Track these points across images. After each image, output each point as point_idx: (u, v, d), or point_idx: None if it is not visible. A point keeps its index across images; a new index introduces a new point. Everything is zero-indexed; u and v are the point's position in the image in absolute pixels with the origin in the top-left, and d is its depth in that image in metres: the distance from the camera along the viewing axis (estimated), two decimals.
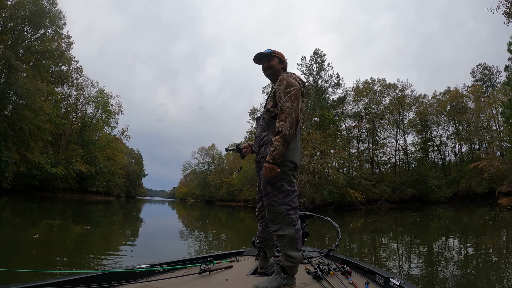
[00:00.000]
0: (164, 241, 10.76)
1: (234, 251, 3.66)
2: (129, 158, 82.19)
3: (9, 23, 30.12)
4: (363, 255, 8.03)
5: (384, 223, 18.88)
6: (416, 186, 40.69)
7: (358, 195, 34.99)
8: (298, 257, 2.32)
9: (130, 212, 27.66)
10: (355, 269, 2.80)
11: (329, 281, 2.34)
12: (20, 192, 32.51)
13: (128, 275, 2.50)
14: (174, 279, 2.46)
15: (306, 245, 3.65)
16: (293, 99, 2.32)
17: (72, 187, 41.35)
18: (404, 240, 11.81)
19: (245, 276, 2.64)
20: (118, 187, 62.89)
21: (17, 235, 8.83)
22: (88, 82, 45.80)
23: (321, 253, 3.34)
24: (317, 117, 37.84)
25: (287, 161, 2.36)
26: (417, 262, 7.29)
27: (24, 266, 5.32)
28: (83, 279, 2.23)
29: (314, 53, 41.17)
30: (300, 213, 3.06)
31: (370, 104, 43.37)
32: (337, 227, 3.41)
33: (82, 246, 8.00)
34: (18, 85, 26.95)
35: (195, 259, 3.01)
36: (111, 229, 13.03)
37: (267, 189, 2.39)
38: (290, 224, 2.34)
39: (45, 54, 33.71)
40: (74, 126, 44.94)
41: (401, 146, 45.48)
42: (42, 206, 22.81)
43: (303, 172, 32.93)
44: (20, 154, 29.08)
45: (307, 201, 31.56)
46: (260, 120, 2.72)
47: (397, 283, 2.15)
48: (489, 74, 45.73)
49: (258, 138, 2.63)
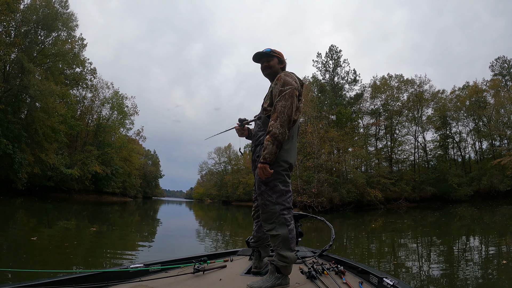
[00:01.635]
0: (181, 241, 10.47)
1: (228, 251, 3.64)
2: (146, 159, 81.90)
3: (23, 27, 29.55)
4: (378, 258, 7.62)
5: (404, 223, 18.00)
6: (437, 184, 38.64)
7: (377, 194, 33.23)
8: (292, 257, 2.29)
9: (147, 212, 27.15)
10: (349, 268, 2.78)
11: (323, 281, 2.29)
12: (35, 193, 31.87)
13: (121, 274, 2.45)
14: (168, 278, 2.41)
15: (300, 245, 3.64)
16: (287, 98, 2.28)
17: (88, 188, 40.74)
18: (423, 240, 11.16)
19: (239, 276, 2.60)
20: (134, 188, 62.32)
21: (30, 235, 8.28)
22: (103, 84, 45.37)
23: (315, 253, 3.32)
24: (334, 115, 36.22)
25: (282, 161, 2.33)
26: (437, 264, 6.90)
27: (39, 267, 5.13)
28: (76, 279, 2.17)
29: (330, 49, 39.57)
30: (294, 213, 3.01)
31: (388, 100, 41.34)
32: (331, 227, 3.38)
33: (96, 246, 7.85)
34: (31, 87, 26.37)
35: (189, 259, 2.95)
36: (126, 231, 12.40)
37: (261, 189, 2.37)
38: (284, 224, 2.31)
39: (58, 57, 33.06)
40: (90, 128, 44.34)
41: (420, 144, 43.39)
42: (57, 207, 22.24)
43: (321, 171, 31.40)
44: (34, 156, 28.43)
45: (325, 201, 30.09)
46: (258, 119, 2.67)
47: (390, 283, 2.11)
48: (509, 68, 43.81)
49: (254, 137, 2.62)
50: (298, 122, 2.53)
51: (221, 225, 17.27)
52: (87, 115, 45.27)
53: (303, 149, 33.20)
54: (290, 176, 2.46)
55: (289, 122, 2.28)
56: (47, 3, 30.42)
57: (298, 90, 2.40)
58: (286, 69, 2.70)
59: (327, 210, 29.94)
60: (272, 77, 2.63)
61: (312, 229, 14.13)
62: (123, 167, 49.24)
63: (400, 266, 6.51)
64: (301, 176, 31.60)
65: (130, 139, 53.99)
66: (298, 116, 2.49)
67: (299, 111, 2.47)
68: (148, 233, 12.41)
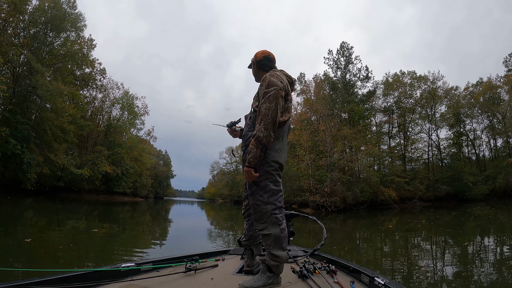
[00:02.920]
0: (191, 241, 10.22)
1: (220, 250, 3.62)
2: (157, 159, 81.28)
3: (32, 29, 29.12)
4: (388, 259, 7.43)
5: (421, 223, 17.11)
6: (451, 183, 36.87)
7: (391, 193, 31.73)
8: (283, 256, 2.26)
9: (158, 212, 26.66)
10: (341, 268, 2.74)
11: (314, 280, 2.26)
12: (45, 193, 31.22)
13: (113, 274, 2.40)
14: (160, 278, 2.37)
15: (291, 244, 3.63)
16: (271, 100, 2.25)
17: (98, 188, 40.20)
18: (439, 240, 10.76)
19: (230, 275, 2.57)
20: (145, 188, 61.41)
21: (24, 237, 7.85)
22: (113, 84, 44.82)
23: (307, 252, 3.27)
24: (346, 112, 34.88)
25: (272, 161, 2.32)
26: (451, 265, 6.65)
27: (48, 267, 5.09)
28: (68, 278, 2.14)
29: (341, 46, 37.96)
30: (286, 212, 2.97)
31: (401, 98, 39.71)
32: (323, 227, 3.39)
33: (90, 250, 7.49)
34: (39, 87, 25.84)
35: (180, 258, 2.88)
36: (132, 232, 11.78)
37: (252, 189, 2.36)
38: (275, 224, 2.29)
39: (67, 57, 32.53)
40: (100, 128, 43.75)
41: (433, 142, 41.69)
42: (66, 207, 21.86)
43: (334, 169, 30.10)
44: (43, 156, 27.83)
45: (338, 200, 28.82)
46: (247, 119, 2.67)
47: (382, 282, 2.10)
48: None
49: (245, 137, 2.60)
50: (288, 122, 2.50)
51: (232, 225, 16.63)
52: (98, 116, 44.80)
53: (316, 147, 31.96)
54: (280, 176, 2.43)
55: (274, 124, 2.23)
56: (55, 4, 29.83)
57: (284, 90, 2.34)
58: (276, 64, 2.69)
59: (340, 210, 28.82)
60: (259, 81, 2.59)
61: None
62: (133, 167, 48.67)
63: (413, 268, 6.24)
64: (313, 175, 30.34)
65: (141, 139, 53.45)
66: (288, 116, 2.44)
67: (288, 111, 2.44)
68: (160, 233, 12.04)
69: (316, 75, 38.52)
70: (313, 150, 32.02)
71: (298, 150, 32.39)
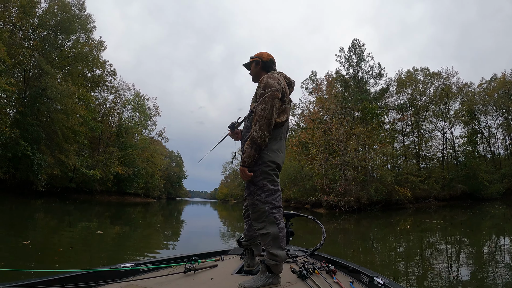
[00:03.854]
0: (204, 240, 10.01)
1: (219, 250, 3.56)
2: (169, 160, 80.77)
3: (42, 32, 28.81)
4: (403, 260, 7.31)
5: (436, 223, 16.30)
6: (466, 182, 35.34)
7: (406, 193, 30.46)
8: (282, 256, 2.25)
9: (171, 213, 26.18)
10: (340, 268, 2.72)
11: (314, 280, 2.24)
12: (57, 194, 30.68)
13: (112, 274, 2.37)
14: (159, 278, 2.34)
15: (291, 244, 3.58)
16: (266, 101, 2.25)
17: (110, 189, 39.61)
18: (455, 241, 10.32)
19: (230, 275, 2.55)
20: (157, 189, 60.61)
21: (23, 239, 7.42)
22: (124, 85, 44.57)
23: (306, 252, 3.25)
24: (358, 110, 33.73)
25: (269, 161, 2.32)
26: (466, 267, 6.39)
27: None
28: (67, 278, 2.12)
29: (353, 43, 36.60)
30: (285, 212, 3.07)
31: (414, 95, 38.32)
32: (322, 227, 3.33)
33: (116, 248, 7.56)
34: (49, 89, 25.47)
35: (180, 258, 2.86)
36: (145, 233, 11.29)
37: (250, 188, 2.36)
38: (274, 223, 2.28)
39: (77, 59, 32.20)
40: (112, 129, 43.32)
41: (448, 140, 40.20)
42: (78, 208, 21.31)
43: (347, 169, 29.03)
44: (54, 157, 27.37)
45: (352, 200, 27.73)
46: (246, 121, 2.65)
47: (381, 282, 2.08)
48: None
49: (243, 138, 2.60)
50: (286, 123, 2.49)
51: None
52: (110, 117, 44.51)
53: (328, 146, 30.91)
54: (278, 176, 2.41)
55: (269, 125, 2.24)
56: (64, 7, 29.45)
57: (281, 92, 2.35)
58: (275, 66, 2.69)
59: (354, 210, 27.81)
60: (257, 81, 2.57)
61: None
62: (145, 168, 48.06)
63: (430, 272, 5.86)
64: (327, 175, 29.30)
65: (153, 140, 53.14)
66: (286, 117, 2.44)
67: (285, 112, 2.44)
68: (172, 232, 11.77)
69: (328, 73, 37.42)
70: (326, 149, 30.98)
71: (311, 149, 31.38)
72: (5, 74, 22.01)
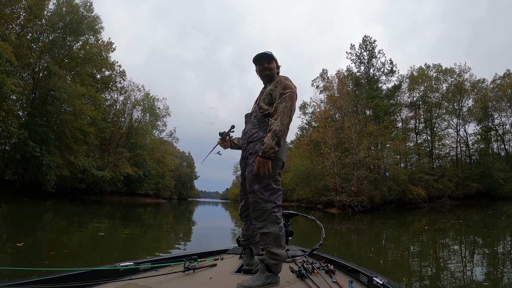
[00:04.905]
0: (217, 241, 9.60)
1: (219, 250, 3.49)
2: (180, 160, 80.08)
3: (51, 34, 28.36)
4: (416, 260, 6.96)
5: (455, 223, 15.62)
6: (481, 180, 33.96)
7: (420, 192, 29.19)
8: (283, 255, 2.23)
9: (183, 213, 25.58)
10: (339, 268, 2.66)
11: (313, 280, 2.20)
12: (67, 195, 30.06)
13: (111, 273, 2.33)
14: (158, 277, 2.30)
15: (290, 244, 3.51)
16: (287, 100, 2.28)
17: (120, 190, 38.89)
18: (471, 242, 9.67)
19: (229, 275, 2.50)
20: (168, 190, 59.85)
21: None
22: (133, 86, 44.04)
23: (305, 252, 3.18)
24: (370, 108, 32.50)
25: (275, 159, 2.27)
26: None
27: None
28: (65, 277, 2.09)
29: (363, 40, 35.25)
30: (285, 212, 3.10)
31: (427, 92, 36.89)
32: (321, 226, 3.31)
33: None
34: (57, 89, 24.96)
35: (179, 257, 2.81)
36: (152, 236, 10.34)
37: (253, 187, 2.29)
38: (275, 222, 2.25)
39: (86, 59, 31.54)
40: (122, 130, 42.67)
41: (461, 137, 38.70)
42: (88, 209, 20.73)
43: (360, 167, 27.86)
44: (63, 158, 26.73)
45: (365, 200, 26.57)
46: (251, 117, 2.58)
47: (380, 282, 2.04)
48: None
49: (247, 135, 2.52)
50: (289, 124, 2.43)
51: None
52: (120, 118, 43.88)
53: (341, 145, 29.77)
54: (280, 175, 2.38)
55: (289, 122, 2.27)
56: (72, 8, 28.90)
57: (296, 94, 2.38)
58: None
59: (367, 210, 26.69)
60: (268, 78, 2.60)
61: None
62: (156, 169, 47.29)
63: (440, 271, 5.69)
64: (339, 174, 28.17)
65: (163, 140, 52.58)
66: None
67: (293, 111, 2.41)
68: (184, 233, 11.45)
69: (339, 70, 36.20)
70: (338, 147, 29.85)
71: (323, 148, 30.25)
72: (12, 75, 21.53)
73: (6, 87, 19.64)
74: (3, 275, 4.01)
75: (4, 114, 20.74)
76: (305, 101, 41.92)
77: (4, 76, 19.16)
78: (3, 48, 19.36)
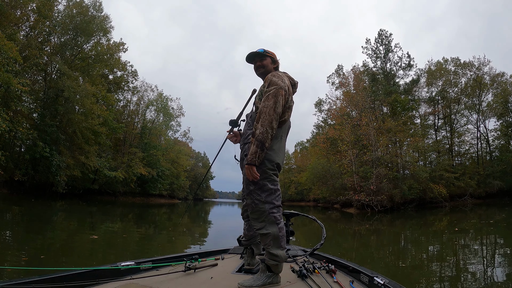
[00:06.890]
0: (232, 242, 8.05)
1: (219, 249, 3.39)
2: (195, 161, 78.91)
3: (63, 37, 27.80)
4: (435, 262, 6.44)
5: (486, 224, 14.41)
6: (504, 178, 31.37)
7: (442, 190, 27.12)
8: (282, 255, 2.13)
9: (198, 213, 24.40)
10: (340, 267, 2.57)
11: (314, 280, 2.12)
12: (79, 196, 28.96)
13: (112, 272, 2.27)
14: (159, 276, 2.24)
15: (291, 244, 3.40)
16: (270, 98, 2.11)
17: (134, 190, 37.63)
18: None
19: (230, 274, 2.42)
20: (183, 190, 58.35)
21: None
22: (146, 87, 42.95)
23: (306, 251, 3.08)
24: (388, 104, 30.49)
25: (268, 160, 2.16)
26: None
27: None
28: (66, 277, 2.03)
29: (379, 34, 32.98)
30: (285, 211, 3.02)
31: (445, 87, 34.58)
32: (322, 226, 3.16)
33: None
34: (66, 89, 23.90)
35: (180, 257, 2.74)
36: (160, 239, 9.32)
37: (250, 188, 2.20)
38: (274, 223, 2.15)
39: (97, 60, 30.67)
40: (135, 130, 41.49)
41: (481, 134, 36.31)
42: (101, 209, 20.01)
43: (379, 165, 25.94)
44: (74, 159, 25.59)
45: (385, 199, 24.73)
46: (248, 118, 2.55)
47: (381, 282, 1.97)
48: None
49: (244, 135, 2.50)
50: (288, 123, 2.35)
51: None
52: (134, 118, 42.82)
53: (358, 142, 27.88)
54: (278, 175, 2.27)
55: (271, 121, 2.07)
56: (82, 9, 27.94)
57: (284, 90, 2.18)
58: (279, 69, 2.51)
59: (387, 210, 24.87)
60: (264, 76, 2.38)
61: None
62: (170, 169, 45.86)
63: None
64: (357, 172, 26.28)
65: (177, 140, 51.48)
66: (287, 116, 2.28)
67: (287, 112, 2.28)
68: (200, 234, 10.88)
69: (354, 66, 34.29)
70: (356, 145, 27.97)
71: (340, 145, 28.38)
72: (20, 75, 20.49)
73: (13, 87, 18.56)
74: (3, 275, 3.93)
75: (12, 114, 19.66)
76: (320, 98, 40.08)
77: (10, 75, 18.01)
78: (9, 47, 18.27)
